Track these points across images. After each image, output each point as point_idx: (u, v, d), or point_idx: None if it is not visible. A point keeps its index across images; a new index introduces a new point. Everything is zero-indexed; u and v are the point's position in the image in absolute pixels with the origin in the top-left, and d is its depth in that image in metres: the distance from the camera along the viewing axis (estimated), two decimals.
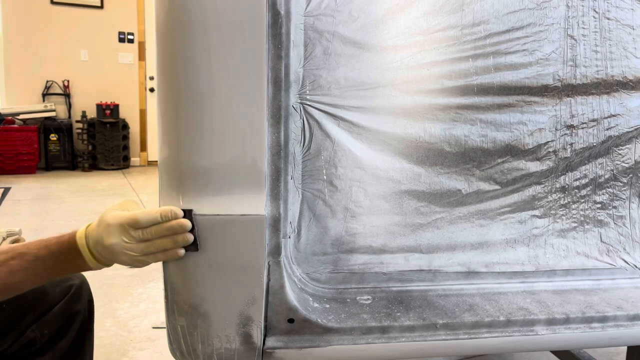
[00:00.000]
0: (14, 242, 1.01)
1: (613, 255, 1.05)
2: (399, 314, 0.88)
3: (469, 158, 0.94)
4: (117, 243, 0.75)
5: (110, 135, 6.39)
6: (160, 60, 0.78)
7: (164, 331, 0.88)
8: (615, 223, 1.05)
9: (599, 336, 0.94)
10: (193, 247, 0.78)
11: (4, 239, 1.00)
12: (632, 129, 1.01)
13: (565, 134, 0.98)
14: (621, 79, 0.98)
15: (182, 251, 0.77)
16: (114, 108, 6.44)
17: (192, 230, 0.77)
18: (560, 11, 0.94)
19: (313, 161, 0.87)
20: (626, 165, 1.03)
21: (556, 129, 0.97)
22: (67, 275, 0.91)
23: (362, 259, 0.92)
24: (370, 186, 0.91)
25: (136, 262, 0.77)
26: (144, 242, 0.76)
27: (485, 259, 0.98)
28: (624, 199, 1.05)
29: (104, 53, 6.58)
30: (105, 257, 0.77)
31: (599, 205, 1.03)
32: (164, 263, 0.81)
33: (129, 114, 6.75)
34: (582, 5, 0.95)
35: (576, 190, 1.01)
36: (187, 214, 0.77)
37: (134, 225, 0.75)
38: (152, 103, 6.86)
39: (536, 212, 1.00)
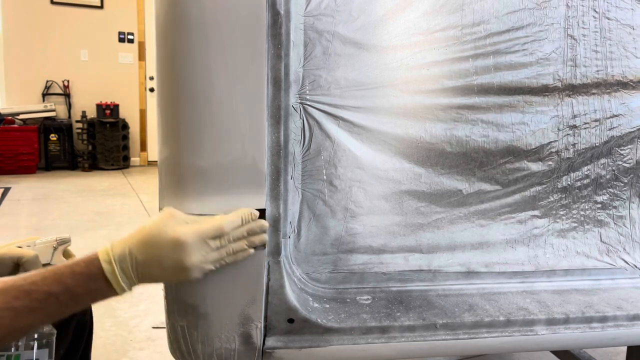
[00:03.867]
0: (65, 250, 0.96)
1: (613, 255, 1.05)
2: (399, 314, 0.88)
3: (470, 158, 0.94)
4: (199, 260, 0.69)
5: (110, 135, 6.39)
6: (160, 60, 0.78)
7: (164, 331, 0.88)
8: (615, 223, 1.05)
9: (599, 336, 0.94)
10: (262, 245, 0.77)
11: (55, 249, 0.94)
12: (634, 129, 1.01)
13: (567, 134, 0.98)
14: (621, 79, 0.98)
15: (252, 250, 0.76)
16: (114, 108, 6.44)
17: None
18: (560, 11, 0.94)
19: (313, 161, 0.87)
20: (627, 165, 1.03)
21: (558, 129, 0.97)
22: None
23: (362, 259, 0.92)
24: (370, 186, 0.90)
25: (203, 273, 0.72)
26: (219, 250, 0.72)
27: (485, 259, 0.98)
28: (624, 199, 1.05)
29: (104, 53, 6.58)
30: (161, 278, 0.70)
31: (599, 206, 1.03)
32: None
33: (129, 114, 6.75)
34: (582, 5, 0.95)
35: (577, 191, 1.01)
36: (262, 213, 0.76)
37: (219, 235, 0.71)
38: (152, 103, 6.86)
39: (536, 212, 1.00)
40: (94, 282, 0.67)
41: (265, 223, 0.77)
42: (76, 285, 0.67)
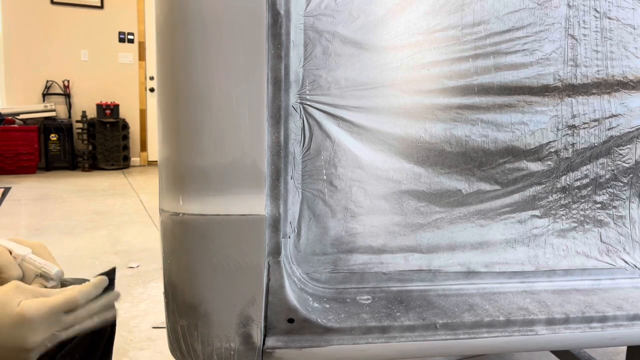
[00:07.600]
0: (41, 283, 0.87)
1: (613, 255, 1.05)
2: (399, 314, 0.88)
3: (469, 158, 0.94)
4: (44, 340, 0.58)
5: (110, 135, 6.40)
6: (160, 60, 0.78)
7: (164, 331, 0.88)
8: (615, 223, 1.05)
9: (599, 336, 0.94)
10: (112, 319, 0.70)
11: (36, 276, 0.85)
12: (633, 129, 1.01)
13: (566, 134, 0.98)
14: (622, 79, 0.98)
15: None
16: (114, 108, 6.44)
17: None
18: (561, 10, 0.94)
19: (313, 161, 0.87)
20: (627, 165, 1.03)
21: (557, 129, 0.97)
22: None
23: (362, 259, 0.92)
24: (370, 186, 0.90)
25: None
26: (72, 328, 0.62)
27: (485, 259, 0.98)
28: (624, 199, 1.05)
29: (104, 53, 6.58)
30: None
31: (599, 205, 1.03)
32: (164, 262, 0.81)
33: (129, 114, 6.75)
34: (583, 5, 0.95)
35: (576, 190, 1.01)
36: (112, 272, 0.70)
37: (73, 308, 0.61)
38: (152, 103, 6.86)
39: (536, 212, 1.00)
40: None
41: (117, 293, 0.68)
42: None
